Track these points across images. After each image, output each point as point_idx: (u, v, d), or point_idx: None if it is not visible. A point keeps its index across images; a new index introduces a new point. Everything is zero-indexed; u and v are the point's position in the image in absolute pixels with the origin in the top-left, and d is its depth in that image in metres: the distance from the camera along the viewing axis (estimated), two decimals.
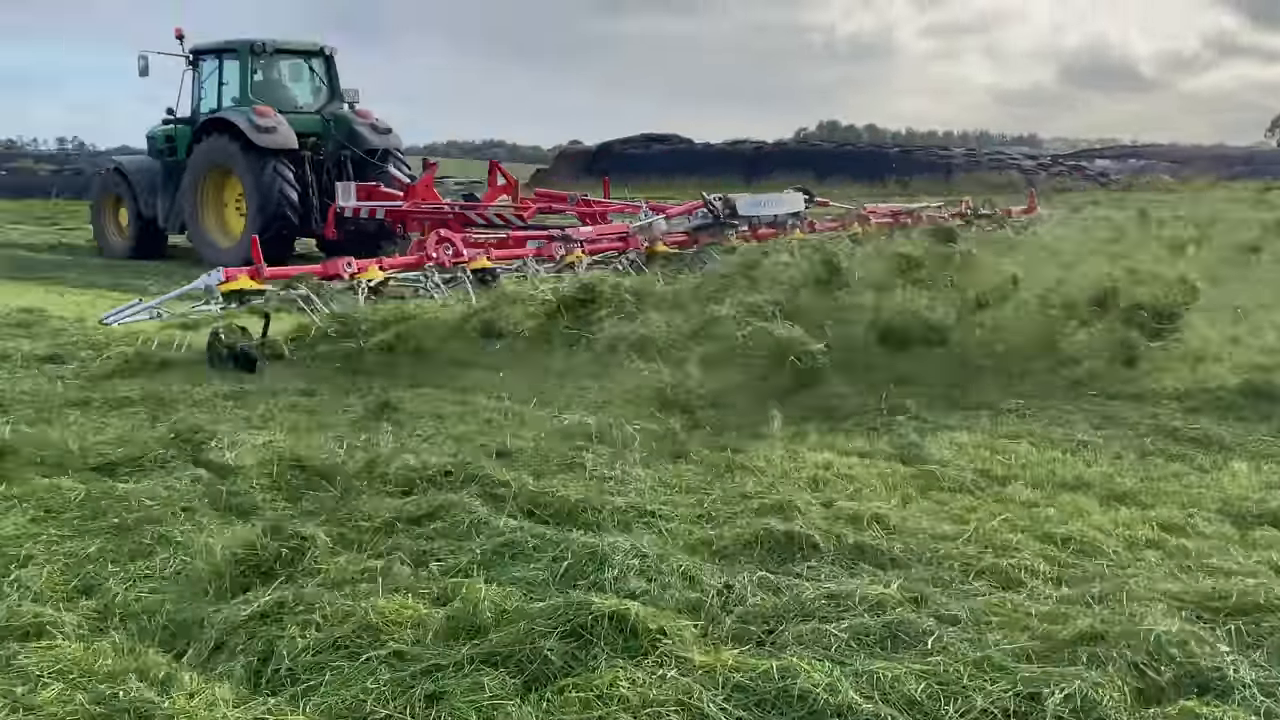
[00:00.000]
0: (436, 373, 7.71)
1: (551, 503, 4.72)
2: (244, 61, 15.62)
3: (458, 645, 3.39)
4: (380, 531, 4.48)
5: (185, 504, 4.75)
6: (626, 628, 3.38)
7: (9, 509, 4.77)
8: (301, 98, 16.45)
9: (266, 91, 15.77)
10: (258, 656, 3.44)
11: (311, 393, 7.11)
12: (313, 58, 16.67)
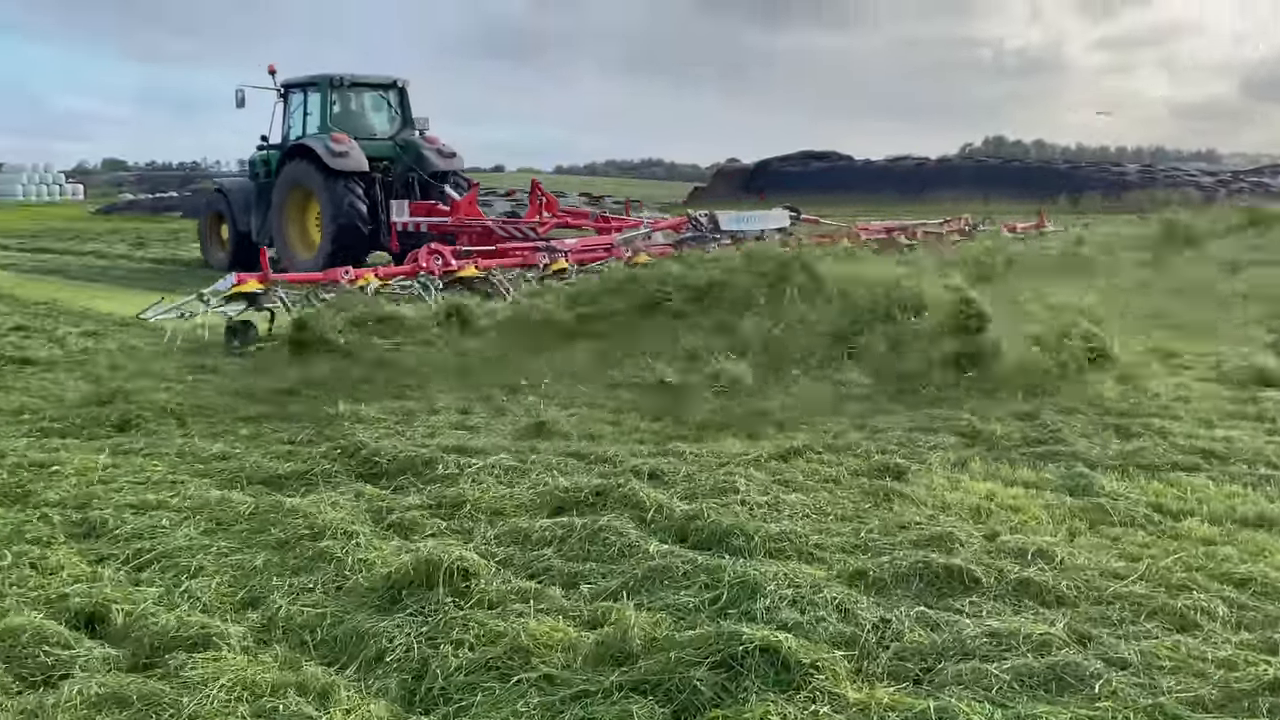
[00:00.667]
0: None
1: (703, 527, 4.68)
2: (324, 94, 17.37)
3: (607, 671, 3.39)
4: (533, 552, 4.51)
5: (348, 520, 4.87)
6: (778, 660, 3.32)
7: (183, 520, 4.99)
8: (378, 126, 18.14)
9: (345, 120, 17.50)
10: (412, 674, 3.50)
11: (467, 410, 7.23)
12: (388, 90, 18.37)
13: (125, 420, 6.94)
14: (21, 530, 4.83)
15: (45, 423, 6.94)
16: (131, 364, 8.87)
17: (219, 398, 7.62)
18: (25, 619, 3.77)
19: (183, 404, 7.33)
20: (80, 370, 8.83)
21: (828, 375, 7.91)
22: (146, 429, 6.81)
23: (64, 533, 4.88)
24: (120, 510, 5.12)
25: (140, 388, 7.66)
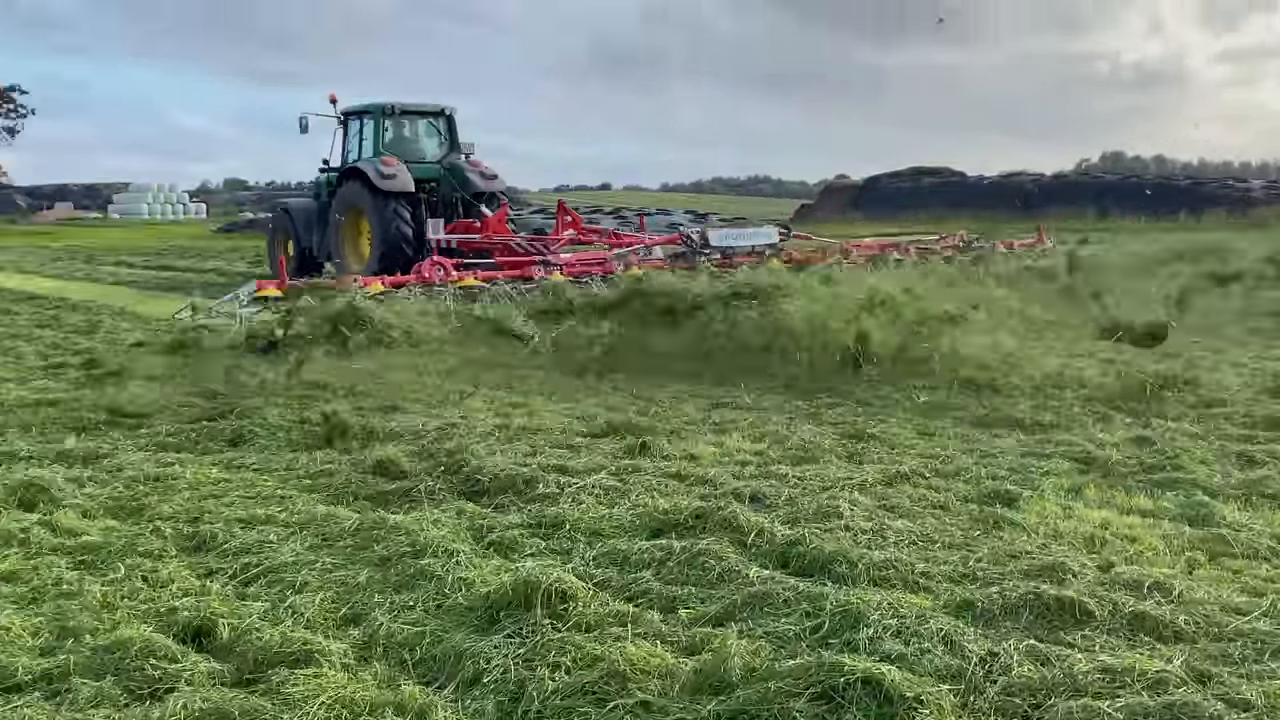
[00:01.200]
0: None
1: (805, 553, 4.60)
2: (377, 121, 18.75)
3: (704, 700, 3.34)
4: (631, 574, 4.49)
5: (449, 538, 4.90)
6: (880, 693, 3.24)
7: (290, 535, 5.09)
8: (427, 150, 19.46)
9: (397, 145, 18.82)
10: (509, 696, 3.50)
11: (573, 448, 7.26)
12: (437, 117, 19.76)
13: (238, 435, 7.11)
14: (135, 543, 4.97)
15: (162, 437, 7.15)
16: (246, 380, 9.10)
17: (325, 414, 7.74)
18: (135, 631, 3.87)
19: (293, 419, 7.49)
20: (197, 387, 9.09)
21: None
22: (258, 444, 6.96)
23: (175, 546, 5.00)
24: (230, 524, 5.24)
25: (254, 405, 7.82)
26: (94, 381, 9.13)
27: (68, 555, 4.87)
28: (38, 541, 5.02)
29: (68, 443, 6.91)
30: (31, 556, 4.84)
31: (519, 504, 5.53)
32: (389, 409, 7.93)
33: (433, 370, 9.39)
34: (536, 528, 5.15)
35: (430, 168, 18.92)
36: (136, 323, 13.83)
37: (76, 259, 28.89)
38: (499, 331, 10.40)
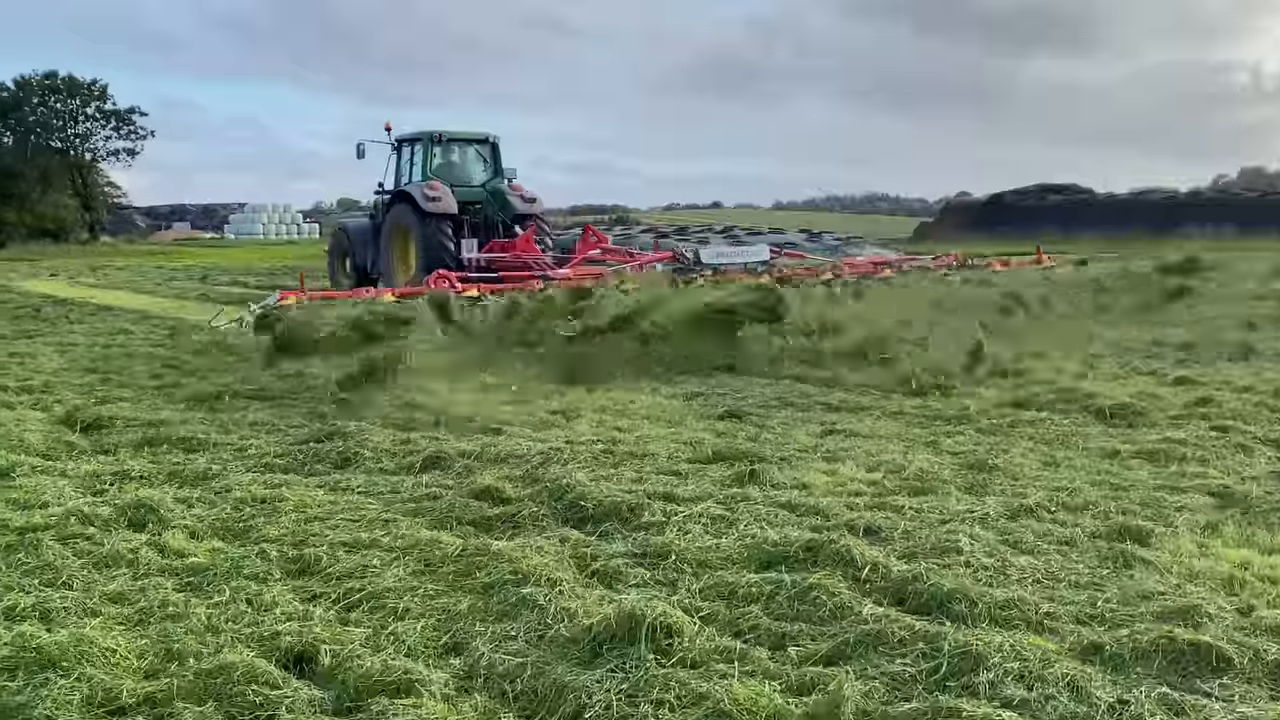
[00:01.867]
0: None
1: (922, 590, 4.49)
2: (426, 148, 20.73)
3: None
4: (739, 609, 4.43)
5: (552, 566, 4.90)
6: None
7: (393, 560, 5.14)
8: (473, 174, 21.46)
9: (445, 170, 20.83)
10: None
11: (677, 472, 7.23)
12: (482, 144, 21.80)
13: (345, 457, 7.23)
14: (240, 566, 5.07)
15: (270, 458, 7.31)
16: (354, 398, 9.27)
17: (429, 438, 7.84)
18: (238, 656, 3.94)
19: (398, 442, 7.60)
20: (305, 405, 9.31)
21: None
22: (364, 466, 7.07)
23: (280, 569, 5.09)
24: (334, 548, 5.32)
25: (360, 428, 7.95)
26: (203, 402, 9.40)
27: (174, 577, 4.99)
28: (146, 562, 5.15)
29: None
30: (139, 577, 4.97)
31: (624, 532, 5.51)
32: (492, 431, 8.00)
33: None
34: (641, 557, 5.12)
35: (475, 191, 20.90)
36: None
37: (192, 278, 29.92)
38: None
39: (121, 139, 63.16)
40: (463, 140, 21.74)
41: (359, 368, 9.62)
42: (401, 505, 6.19)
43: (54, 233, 58.06)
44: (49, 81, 60.12)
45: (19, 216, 56.41)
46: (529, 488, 6.34)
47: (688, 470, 6.82)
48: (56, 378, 10.97)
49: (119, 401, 9.50)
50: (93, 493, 6.43)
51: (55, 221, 58.66)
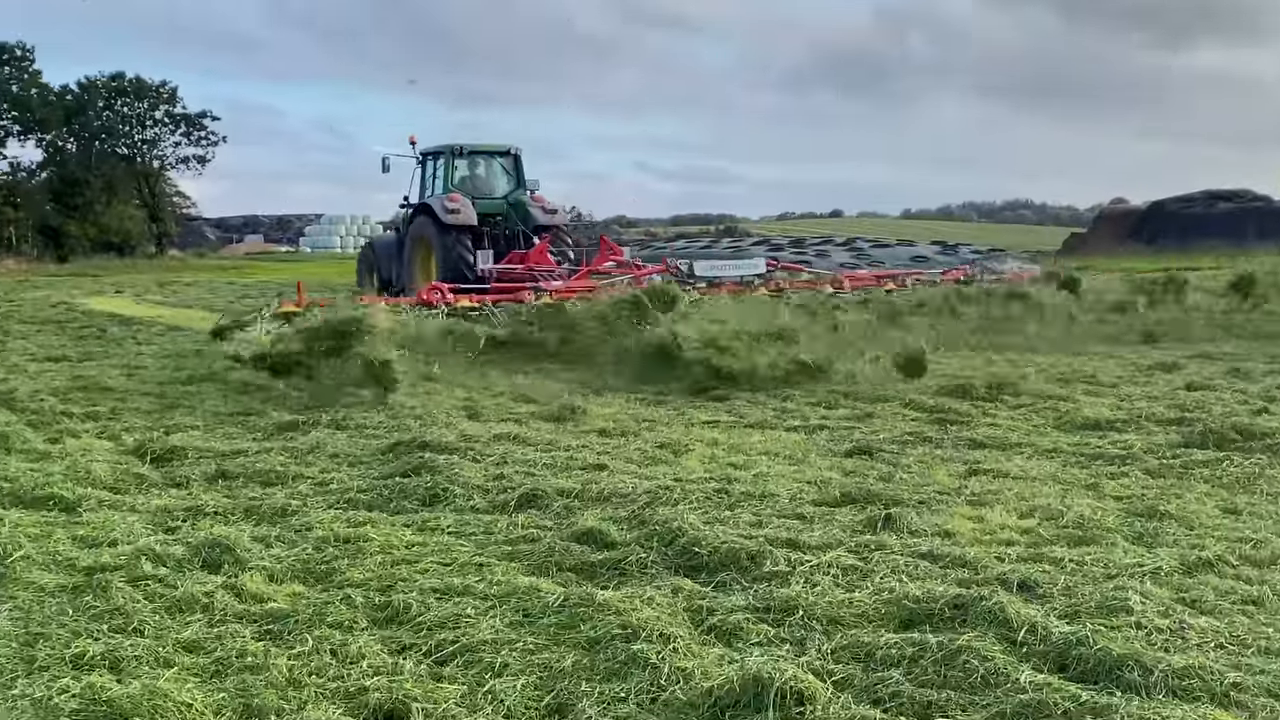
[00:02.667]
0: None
1: (1088, 655, 4.37)
2: (447, 161, 23.02)
3: None
4: (877, 673, 4.36)
5: (664, 620, 4.87)
6: None
7: (489, 609, 5.16)
8: (496, 186, 23.67)
9: (467, 183, 23.09)
10: None
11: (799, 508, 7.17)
12: (504, 156, 23.98)
13: (433, 494, 7.31)
14: (324, 613, 5.14)
15: (353, 494, 7.42)
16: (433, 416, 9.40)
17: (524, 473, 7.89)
18: (323, 713, 3.99)
19: (490, 477, 7.67)
20: (385, 430, 9.47)
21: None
22: (454, 504, 7.14)
23: (366, 617, 5.15)
24: (424, 595, 5.36)
25: (449, 462, 8.04)
26: (280, 431, 9.60)
27: (253, 624, 5.08)
28: (222, 607, 5.25)
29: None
30: (215, 624, 5.06)
31: (743, 583, 5.47)
32: (594, 468, 8.02)
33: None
34: (764, 612, 5.07)
35: (497, 203, 23.07)
36: None
37: (266, 294, 30.60)
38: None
39: (192, 145, 64.97)
40: (485, 153, 24.02)
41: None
42: (496, 548, 6.23)
43: (119, 246, 59.91)
44: (115, 83, 62.11)
45: (82, 229, 58.35)
46: (635, 531, 6.34)
47: (813, 514, 6.75)
48: (124, 404, 11.32)
49: (190, 430, 9.75)
50: (164, 530, 6.61)
51: (121, 234, 60.53)
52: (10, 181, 58.53)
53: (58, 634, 4.91)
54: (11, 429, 9.51)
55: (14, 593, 5.44)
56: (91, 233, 58.89)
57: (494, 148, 24.20)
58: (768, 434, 9.45)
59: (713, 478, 7.69)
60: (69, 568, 5.82)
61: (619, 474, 7.79)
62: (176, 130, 64.35)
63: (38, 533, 6.45)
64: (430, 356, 13.04)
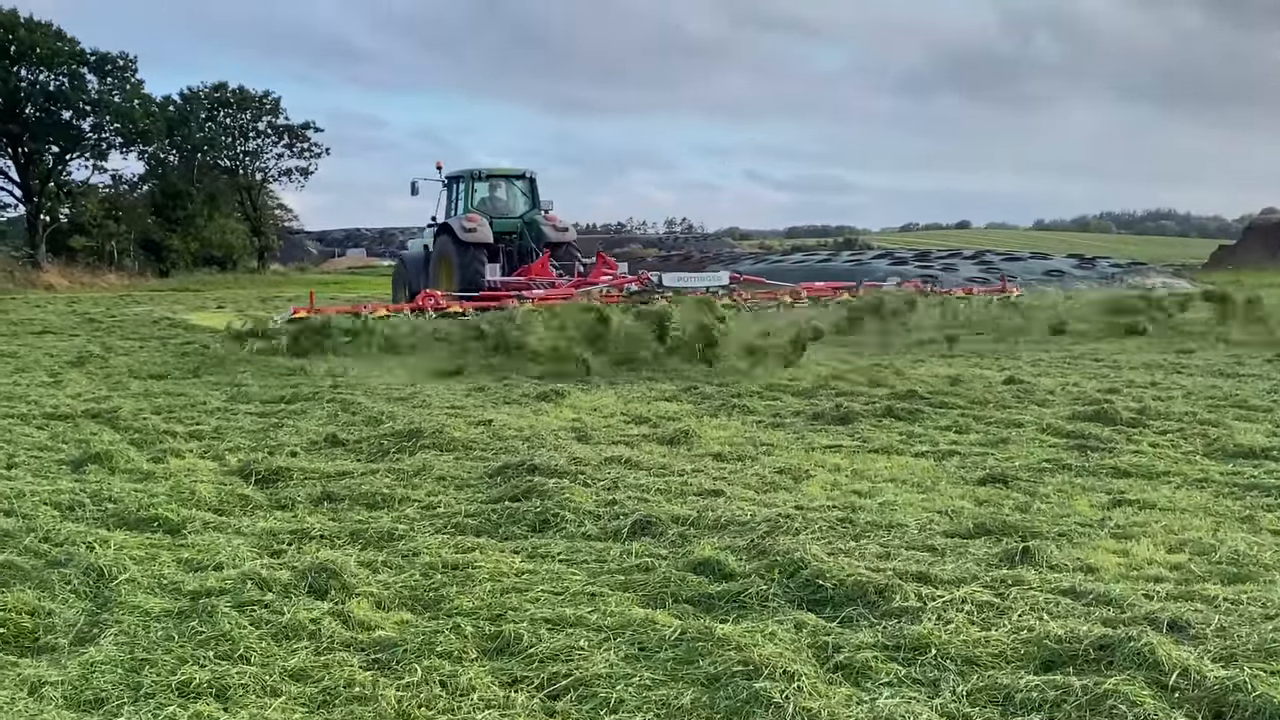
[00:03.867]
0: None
1: (1246, 703, 4.24)
2: (467, 184, 27.54)
3: None
4: (1016, 717, 4.28)
5: (788, 656, 4.84)
6: None
7: (603, 641, 5.18)
8: (514, 207, 28.04)
9: (487, 203, 27.64)
10: None
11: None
12: (520, 180, 28.39)
13: (543, 519, 7.36)
14: (433, 642, 5.20)
15: (460, 518, 7.50)
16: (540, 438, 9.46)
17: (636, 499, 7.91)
18: None
19: (602, 503, 7.70)
20: (492, 452, 9.56)
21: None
22: (565, 530, 7.18)
23: (476, 647, 5.19)
24: (536, 625, 5.40)
25: (558, 485, 8.09)
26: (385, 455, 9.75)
27: (360, 652, 5.15)
28: (329, 635, 5.33)
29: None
30: (322, 652, 5.15)
31: (871, 618, 5.41)
32: (710, 493, 8.01)
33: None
34: (894, 650, 5.00)
35: (513, 222, 27.28)
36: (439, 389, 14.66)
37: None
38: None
39: (294, 157, 66.48)
40: (503, 176, 28.49)
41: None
42: (609, 577, 6.25)
43: (221, 260, 61.47)
44: (218, 94, 63.85)
45: (184, 243, 60.01)
46: (755, 561, 6.31)
47: (945, 545, 6.66)
48: (227, 422, 11.59)
49: (294, 450, 9.94)
50: (270, 553, 6.74)
51: (223, 248, 62.12)
52: (112, 194, 60.32)
53: (163, 660, 5.02)
54: (115, 448, 9.79)
55: (119, 616, 5.58)
56: (193, 246, 60.52)
57: (511, 171, 28.61)
58: (894, 459, 9.38)
59: (836, 506, 7.64)
60: (174, 591, 5.97)
61: (736, 500, 7.77)
62: (279, 142, 65.93)
63: (143, 555, 6.62)
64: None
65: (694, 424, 11.10)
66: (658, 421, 11.47)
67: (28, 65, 53.27)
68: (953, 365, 16.28)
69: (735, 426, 11.23)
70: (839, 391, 13.20)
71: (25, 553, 6.62)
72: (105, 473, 8.97)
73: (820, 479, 8.61)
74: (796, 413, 11.94)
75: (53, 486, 8.37)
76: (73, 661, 5.01)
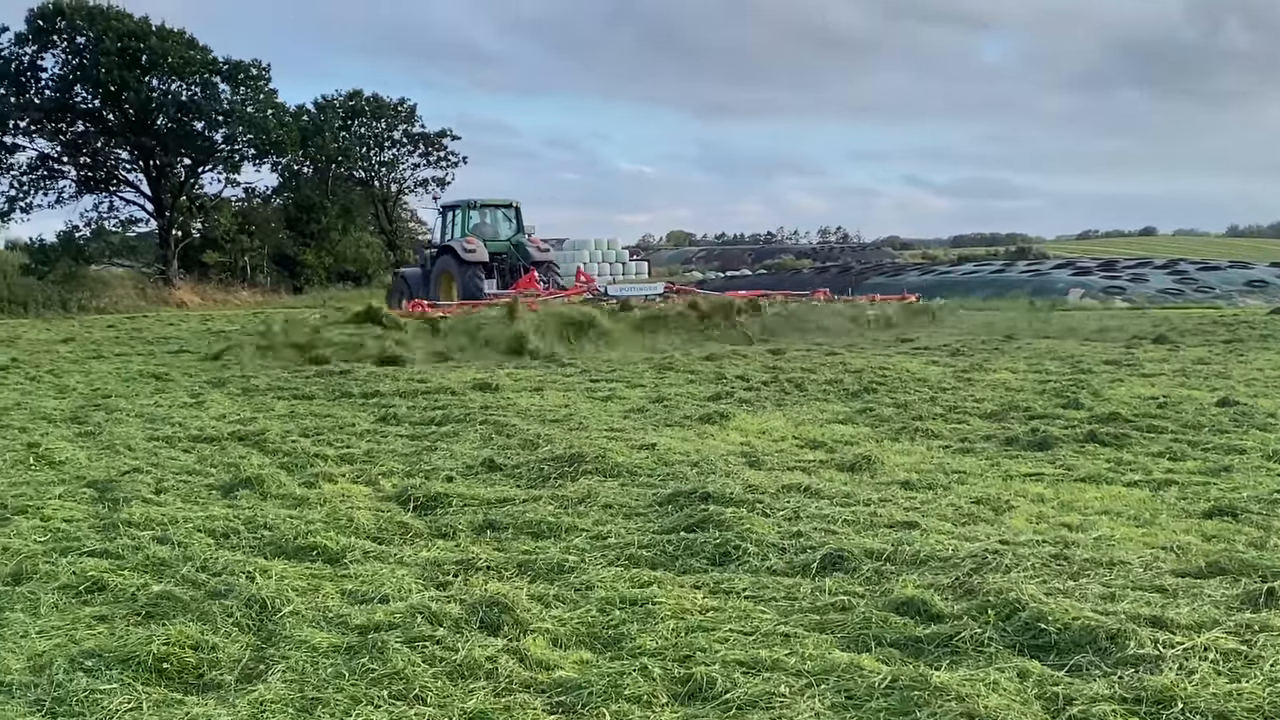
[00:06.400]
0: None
1: None
2: (463, 212, 35.02)
3: None
4: None
5: (1016, 711, 4.66)
6: None
7: (805, 688, 5.04)
8: (501, 231, 35.30)
9: (479, 228, 34.59)
10: None
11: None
12: (507, 209, 35.88)
13: (723, 551, 7.26)
14: (618, 684, 5.11)
15: (634, 549, 7.43)
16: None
17: (823, 530, 7.75)
18: None
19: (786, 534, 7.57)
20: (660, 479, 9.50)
21: None
22: (748, 564, 7.06)
23: (665, 691, 5.10)
24: (728, 667, 5.28)
25: (737, 515, 7.98)
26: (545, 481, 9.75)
27: (541, 694, 5.10)
28: (506, 674, 5.29)
29: None
30: (501, 693, 5.10)
31: (1103, 667, 5.19)
32: (903, 525, 7.82)
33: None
34: (1134, 703, 4.77)
35: (502, 244, 34.51)
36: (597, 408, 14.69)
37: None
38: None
39: (430, 166, 67.49)
40: (492, 206, 35.85)
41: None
42: (802, 616, 6.11)
43: (355, 275, 62.62)
44: (352, 103, 65.12)
45: (318, 257, 61.32)
46: (964, 601, 6.12)
47: (1175, 585, 6.38)
48: (378, 445, 11.73)
49: (450, 475, 10.00)
50: (436, 585, 6.74)
51: (357, 262, 63.27)
52: (245, 208, 61.90)
53: (336, 699, 5.03)
54: (266, 472, 9.96)
55: (285, 652, 5.62)
56: (327, 261, 61.76)
57: (499, 202, 36.16)
58: (1104, 489, 9.08)
59: (1045, 540, 7.39)
60: (341, 625, 5.99)
61: (934, 534, 7.57)
62: (415, 151, 66.99)
63: (304, 586, 6.68)
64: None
65: (874, 449, 10.91)
66: (834, 446, 11.33)
67: (159, 75, 54.97)
68: (1155, 385, 15.77)
69: (920, 452, 11.02)
70: (1033, 414, 12.89)
71: (183, 583, 6.74)
72: (257, 498, 9.13)
73: (1024, 510, 8.36)
74: (986, 437, 11.70)
75: (205, 513, 8.53)
76: (241, 700, 5.05)
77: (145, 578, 6.87)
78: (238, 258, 60.39)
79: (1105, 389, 15.19)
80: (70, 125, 56.17)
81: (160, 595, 6.47)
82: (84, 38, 53.34)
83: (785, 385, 16.43)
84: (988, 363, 19.43)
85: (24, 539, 7.80)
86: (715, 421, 13.09)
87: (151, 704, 5.02)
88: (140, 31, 53.72)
